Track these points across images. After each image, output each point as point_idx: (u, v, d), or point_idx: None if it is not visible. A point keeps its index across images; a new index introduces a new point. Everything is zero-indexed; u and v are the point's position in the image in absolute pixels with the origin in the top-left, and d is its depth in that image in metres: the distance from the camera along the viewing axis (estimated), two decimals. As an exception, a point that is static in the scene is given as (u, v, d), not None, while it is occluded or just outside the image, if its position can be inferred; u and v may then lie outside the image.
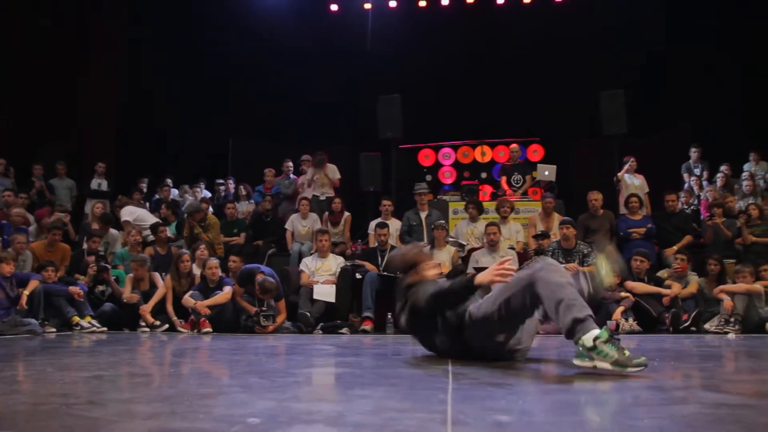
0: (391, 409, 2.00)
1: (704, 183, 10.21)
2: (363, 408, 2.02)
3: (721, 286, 7.06)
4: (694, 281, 7.31)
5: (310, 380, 2.99)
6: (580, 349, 2.83)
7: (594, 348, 2.79)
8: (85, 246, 8.39)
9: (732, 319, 6.71)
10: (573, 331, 2.87)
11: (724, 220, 8.20)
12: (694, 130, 11.38)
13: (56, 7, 12.14)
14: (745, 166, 10.35)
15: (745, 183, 9.52)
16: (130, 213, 9.32)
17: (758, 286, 6.92)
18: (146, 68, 13.31)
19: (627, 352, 2.80)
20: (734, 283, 7.09)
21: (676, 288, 7.13)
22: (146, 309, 7.36)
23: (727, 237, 8.06)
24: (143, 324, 7.31)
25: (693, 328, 6.79)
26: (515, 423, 1.84)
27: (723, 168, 10.00)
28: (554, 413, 1.99)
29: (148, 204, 11.06)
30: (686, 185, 10.35)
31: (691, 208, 9.70)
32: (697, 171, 10.47)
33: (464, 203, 9.47)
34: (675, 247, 8.04)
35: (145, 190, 11.38)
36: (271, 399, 2.23)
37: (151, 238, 8.95)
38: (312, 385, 2.85)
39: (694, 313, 6.86)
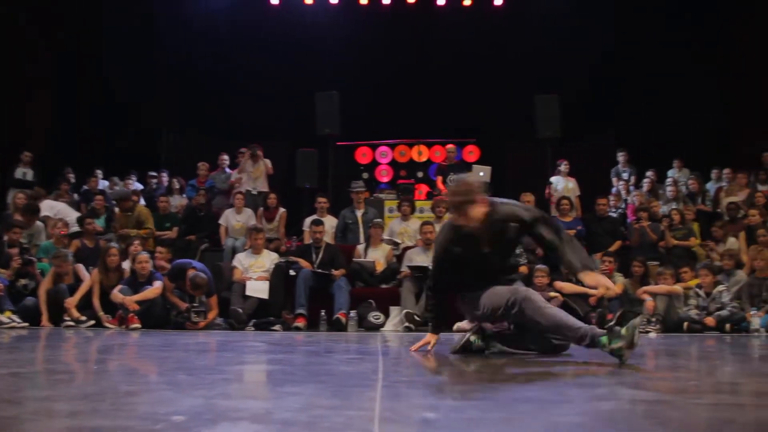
0: (319, 407, 1.99)
1: (631, 188, 10.56)
2: (292, 405, 2.00)
3: (644, 287, 7.33)
4: (620, 282, 7.54)
5: (240, 377, 2.95)
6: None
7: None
8: (5, 238, 8.04)
9: (653, 319, 6.98)
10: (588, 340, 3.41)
11: (649, 224, 8.50)
12: (622, 136, 11.76)
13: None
14: (669, 173, 10.78)
15: (668, 189, 9.90)
16: (49, 208, 8.99)
17: (678, 288, 7.23)
18: (76, 56, 12.84)
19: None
20: (657, 284, 7.37)
21: (602, 288, 7.34)
22: (71, 303, 7.10)
23: (652, 240, 8.36)
24: (68, 319, 7.06)
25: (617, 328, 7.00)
26: (442, 420, 1.86)
27: (649, 174, 10.38)
28: (481, 411, 2.02)
29: (75, 195, 10.69)
30: (614, 189, 10.69)
31: (619, 211, 10.01)
32: (624, 175, 10.82)
33: (398, 202, 9.53)
34: (610, 250, 8.27)
35: (72, 180, 11.00)
36: (199, 396, 2.19)
37: (75, 229, 8.66)
38: (241, 382, 2.82)
39: (618, 313, 7.07)
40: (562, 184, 10.33)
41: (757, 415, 2.00)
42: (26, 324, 6.89)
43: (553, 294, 7.18)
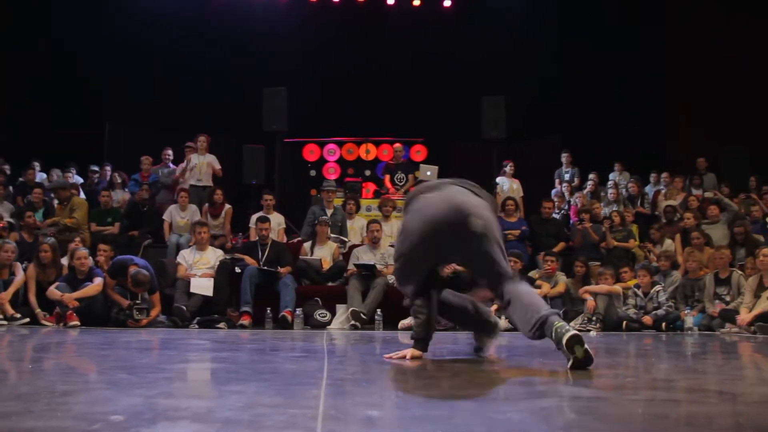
0: (262, 405, 1.98)
1: (574, 189, 10.79)
2: (234, 404, 1.99)
3: (585, 287, 7.50)
4: (562, 281, 7.71)
5: (182, 376, 2.91)
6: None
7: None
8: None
9: (594, 318, 7.16)
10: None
11: (591, 225, 8.71)
12: (566, 138, 12.01)
13: None
14: (611, 176, 11.07)
15: (610, 191, 10.16)
16: None
17: (617, 287, 7.43)
18: (12, 41, 12.38)
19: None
20: (597, 284, 7.56)
21: (545, 288, 7.50)
22: (4, 298, 6.86)
23: (594, 240, 8.57)
24: (0, 317, 6.82)
25: (559, 326, 7.16)
26: (385, 417, 1.87)
27: (591, 176, 10.63)
28: (424, 408, 2.04)
29: (10, 188, 10.31)
30: (557, 190, 10.92)
31: (562, 212, 10.23)
32: (567, 177, 11.05)
33: (343, 200, 9.52)
34: (554, 250, 8.42)
35: (8, 172, 10.61)
36: (138, 395, 2.15)
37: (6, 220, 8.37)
38: (183, 380, 2.77)
39: (561, 312, 7.24)
40: (507, 184, 10.49)
41: (689, 410, 2.07)
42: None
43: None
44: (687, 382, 2.91)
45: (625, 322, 7.11)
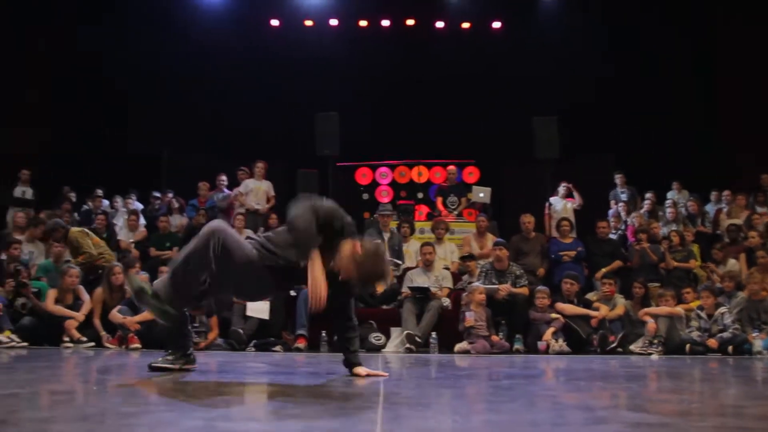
0: (319, 429, 1.98)
1: (631, 208, 10.55)
2: (292, 428, 1.99)
3: (646, 309, 7.30)
4: (621, 304, 7.52)
5: (240, 399, 2.93)
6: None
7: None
8: (4, 256, 8.02)
9: (655, 341, 6.95)
10: None
11: (649, 246, 8.50)
12: (621, 157, 11.80)
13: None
14: (669, 194, 10.80)
15: (668, 210, 9.91)
16: None
17: (679, 309, 7.21)
18: (76, 74, 12.90)
19: None
20: (657, 305, 7.35)
21: (603, 310, 7.33)
22: (73, 324, 7.08)
23: (653, 261, 8.36)
24: (67, 339, 7.03)
25: (619, 349, 6.99)
26: (444, 442, 1.85)
27: (648, 195, 10.40)
28: (482, 433, 2.01)
29: (76, 215, 10.69)
30: (612, 211, 10.69)
31: (618, 233, 10.02)
32: (623, 197, 10.83)
33: (398, 223, 9.53)
34: (603, 270, 8.26)
35: (74, 199, 11.01)
36: (198, 418, 2.18)
37: None
38: (241, 403, 2.79)
39: (620, 335, 7.07)
40: (560, 205, 10.35)
41: (760, 439, 1.98)
42: (25, 344, 6.87)
43: (554, 315, 7.16)
44: (758, 408, 2.79)
45: (688, 345, 6.88)
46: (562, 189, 10.50)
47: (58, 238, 8.30)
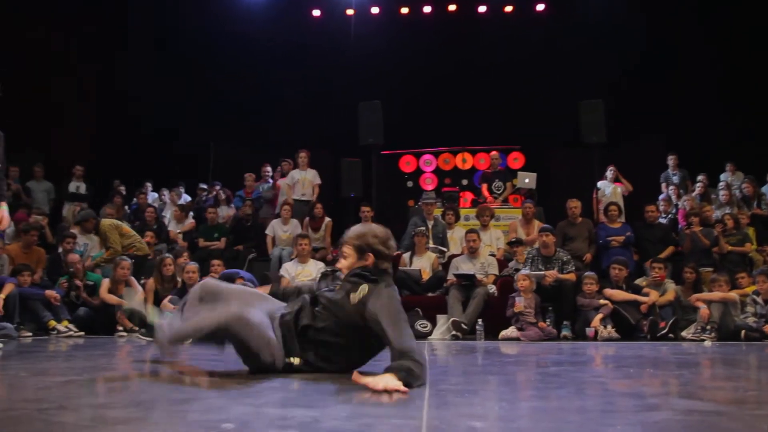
0: (366, 415, 2.00)
1: (681, 192, 10.31)
2: (339, 414, 2.01)
3: (698, 295, 7.12)
4: (672, 289, 7.36)
5: (288, 386, 2.97)
6: None
7: None
8: (60, 249, 8.29)
9: (708, 327, 6.78)
10: None
11: (701, 229, 8.29)
12: (671, 139, 11.52)
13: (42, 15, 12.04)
14: (722, 176, 10.50)
15: (721, 193, 9.63)
16: None
17: (734, 295, 6.99)
18: (123, 71, 13.16)
19: None
20: (709, 291, 7.16)
21: (653, 296, 7.18)
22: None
23: (705, 245, 8.15)
24: (120, 328, 7.24)
25: (670, 336, 6.85)
26: (489, 429, 1.85)
27: (700, 178, 10.14)
28: (529, 419, 2.00)
29: (127, 208, 10.97)
30: (664, 194, 10.45)
31: (669, 216, 9.79)
32: (674, 179, 10.58)
33: (442, 210, 9.50)
34: (662, 256, 8.08)
35: (124, 193, 11.31)
36: (248, 404, 2.22)
37: None
38: (289, 390, 2.83)
39: (671, 321, 6.92)
40: (609, 189, 10.17)
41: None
42: (82, 333, 7.09)
43: (603, 301, 7.05)
44: (816, 395, 2.71)
45: (743, 332, 6.67)
46: (609, 173, 10.32)
47: (89, 228, 8.50)
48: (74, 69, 12.67)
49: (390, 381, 2.57)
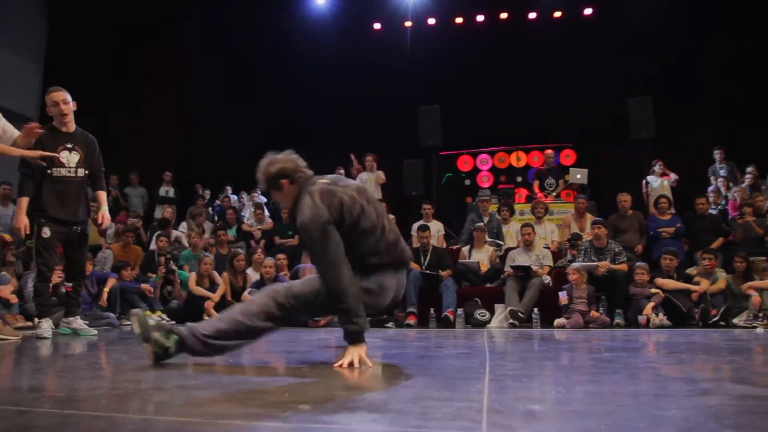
0: (430, 398, 1.99)
1: (731, 184, 9.89)
2: (405, 396, 2.02)
3: (750, 283, 6.83)
4: (722, 278, 7.08)
5: (357, 370, 2.99)
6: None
7: None
8: (154, 247, 8.59)
9: (760, 314, 6.50)
10: None
11: (754, 219, 7.94)
12: (719, 133, 11.07)
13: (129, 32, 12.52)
14: (772, 167, 10.02)
15: (771, 183, 9.20)
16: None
17: (786, 283, 6.68)
18: (202, 85, 13.52)
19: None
20: (761, 279, 6.85)
21: (704, 284, 6.92)
22: (211, 304, 7.50)
23: (758, 234, 7.80)
24: (207, 318, 7.45)
25: (721, 323, 6.59)
26: (547, 411, 1.82)
27: (750, 169, 9.70)
28: (585, 404, 1.95)
29: (210, 210, 11.27)
30: (713, 187, 10.05)
31: (719, 207, 9.41)
32: (722, 172, 10.16)
33: (498, 206, 9.41)
34: (713, 246, 7.79)
35: (207, 197, 11.62)
36: (321, 387, 2.25)
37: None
38: (359, 375, 2.86)
39: (722, 309, 6.65)
40: (657, 182, 9.85)
41: None
42: (173, 323, 7.32)
43: (654, 290, 6.85)
44: None
45: (795, 318, 6.38)
46: (657, 167, 9.98)
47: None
48: (163, 89, 13.11)
49: (351, 356, 2.80)
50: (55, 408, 1.82)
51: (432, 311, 7.16)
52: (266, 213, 10.55)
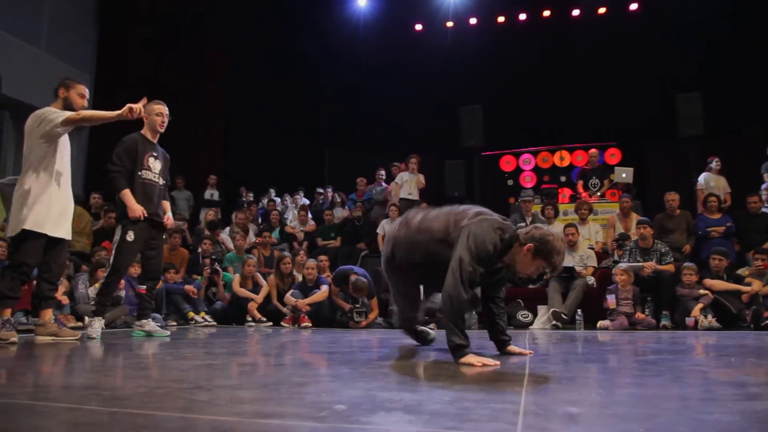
0: (467, 400, 1.98)
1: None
2: (441, 398, 2.02)
3: (804, 284, 6.59)
4: (775, 279, 6.85)
5: (396, 371, 3.00)
6: None
7: None
8: (200, 249, 8.75)
9: (815, 316, 6.26)
10: None
11: (808, 218, 7.66)
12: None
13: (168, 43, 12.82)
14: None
15: (828, 181, 8.84)
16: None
17: (843, 284, 6.42)
18: (245, 91, 13.72)
19: None
20: (817, 280, 6.60)
21: (756, 285, 6.70)
22: (254, 306, 7.62)
23: (813, 234, 7.53)
24: (250, 319, 7.57)
25: (775, 325, 6.37)
26: (586, 414, 1.79)
27: (804, 166, 9.35)
28: (626, 407, 1.92)
29: (255, 209, 11.44)
30: (766, 184, 9.70)
31: (771, 206, 9.09)
32: (776, 170, 9.79)
33: (541, 206, 9.28)
34: (765, 246, 7.53)
35: (251, 199, 11.80)
36: (359, 388, 2.26)
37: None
38: (397, 375, 2.86)
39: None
40: (711, 181, 9.56)
41: None
42: (215, 323, 7.47)
43: (702, 291, 6.66)
44: None
45: None
46: (714, 164, 9.66)
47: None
48: (208, 95, 13.37)
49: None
50: (100, 406, 1.88)
51: (474, 313, 7.11)
52: (309, 215, 10.66)
